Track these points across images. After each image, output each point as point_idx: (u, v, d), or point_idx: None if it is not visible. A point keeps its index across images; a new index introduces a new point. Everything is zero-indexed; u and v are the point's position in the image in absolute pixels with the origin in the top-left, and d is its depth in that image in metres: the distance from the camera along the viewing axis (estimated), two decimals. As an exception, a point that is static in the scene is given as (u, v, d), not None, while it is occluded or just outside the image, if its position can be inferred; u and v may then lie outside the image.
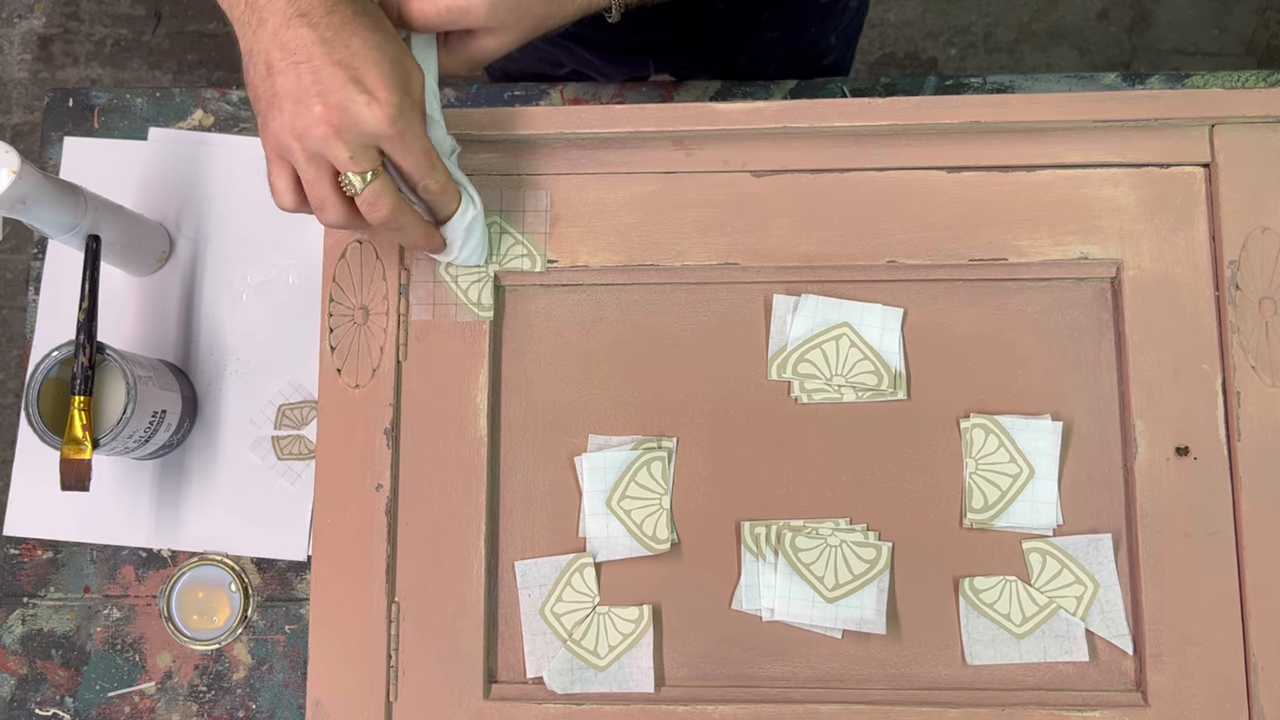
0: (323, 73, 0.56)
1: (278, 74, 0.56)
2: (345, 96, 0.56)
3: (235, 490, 0.79)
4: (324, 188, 0.59)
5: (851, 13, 1.00)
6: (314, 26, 0.56)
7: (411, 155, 0.59)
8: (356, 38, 0.57)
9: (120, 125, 0.85)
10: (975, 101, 0.66)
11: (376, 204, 0.59)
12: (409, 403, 0.67)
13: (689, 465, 0.67)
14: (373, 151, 0.58)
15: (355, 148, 0.57)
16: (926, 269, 0.67)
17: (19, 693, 0.78)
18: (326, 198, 0.59)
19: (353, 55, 0.56)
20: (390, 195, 0.59)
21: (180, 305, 0.82)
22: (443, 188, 0.62)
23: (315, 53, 0.56)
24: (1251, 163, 0.66)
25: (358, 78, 0.56)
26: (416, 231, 0.63)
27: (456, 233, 0.64)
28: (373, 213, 0.60)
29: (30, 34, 1.90)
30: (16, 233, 1.69)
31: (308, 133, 0.56)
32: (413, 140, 0.58)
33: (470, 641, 0.65)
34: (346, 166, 0.57)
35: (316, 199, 0.59)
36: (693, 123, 0.67)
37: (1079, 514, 0.65)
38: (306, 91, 0.56)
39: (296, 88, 0.56)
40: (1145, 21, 1.82)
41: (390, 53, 0.58)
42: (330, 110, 0.56)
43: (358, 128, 0.56)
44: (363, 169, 0.58)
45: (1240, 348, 0.64)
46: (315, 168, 0.58)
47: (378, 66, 0.56)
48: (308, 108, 0.56)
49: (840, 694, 0.64)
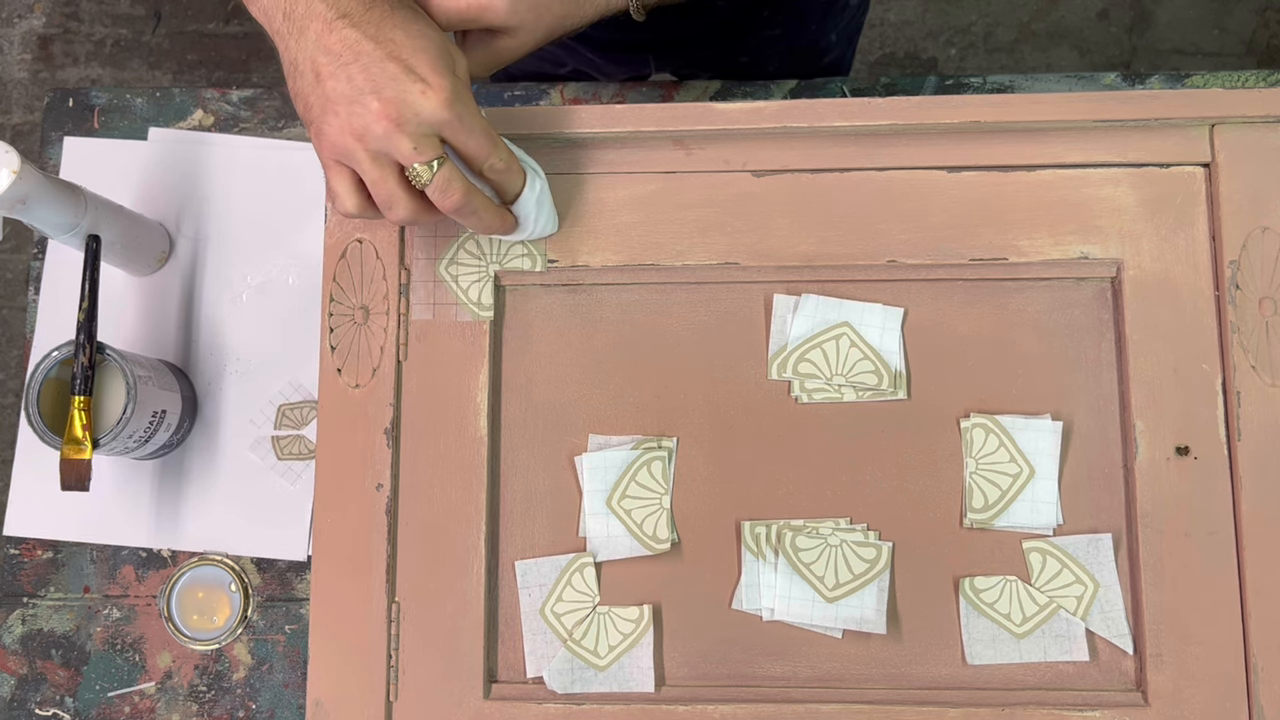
0: (374, 69, 0.55)
1: (327, 79, 0.56)
2: (401, 88, 0.55)
3: (235, 490, 0.79)
4: (391, 184, 0.58)
5: (852, 11, 1.00)
6: (357, 26, 0.56)
7: (474, 137, 0.58)
8: (399, 30, 0.56)
9: (120, 125, 0.85)
10: (975, 101, 0.66)
11: (448, 190, 0.58)
12: (409, 403, 0.67)
13: (689, 465, 0.67)
14: (435, 140, 0.57)
15: (418, 138, 0.56)
16: (926, 269, 0.67)
17: (19, 693, 0.78)
18: (394, 193, 0.58)
19: (399, 47, 0.56)
20: (460, 180, 0.59)
21: (180, 305, 0.82)
22: (507, 165, 0.61)
23: (363, 50, 0.56)
24: (1251, 163, 0.66)
25: (409, 68, 0.56)
26: (490, 214, 0.62)
27: (528, 208, 0.64)
28: (446, 200, 0.59)
29: (30, 34, 1.90)
30: (16, 233, 1.69)
31: (368, 131, 0.56)
32: (472, 121, 0.58)
33: (470, 641, 0.65)
34: (411, 158, 0.57)
35: (384, 196, 0.59)
36: (693, 123, 0.67)
37: (1079, 514, 0.65)
38: (360, 90, 0.56)
39: (349, 89, 0.56)
40: (1145, 21, 1.82)
41: (435, 39, 0.57)
42: (388, 104, 0.55)
43: (418, 118, 0.56)
44: (428, 158, 0.57)
45: (1240, 348, 0.64)
46: (380, 166, 0.58)
47: (426, 54, 0.56)
48: (364, 106, 0.56)
49: (840, 694, 0.64)
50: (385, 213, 0.60)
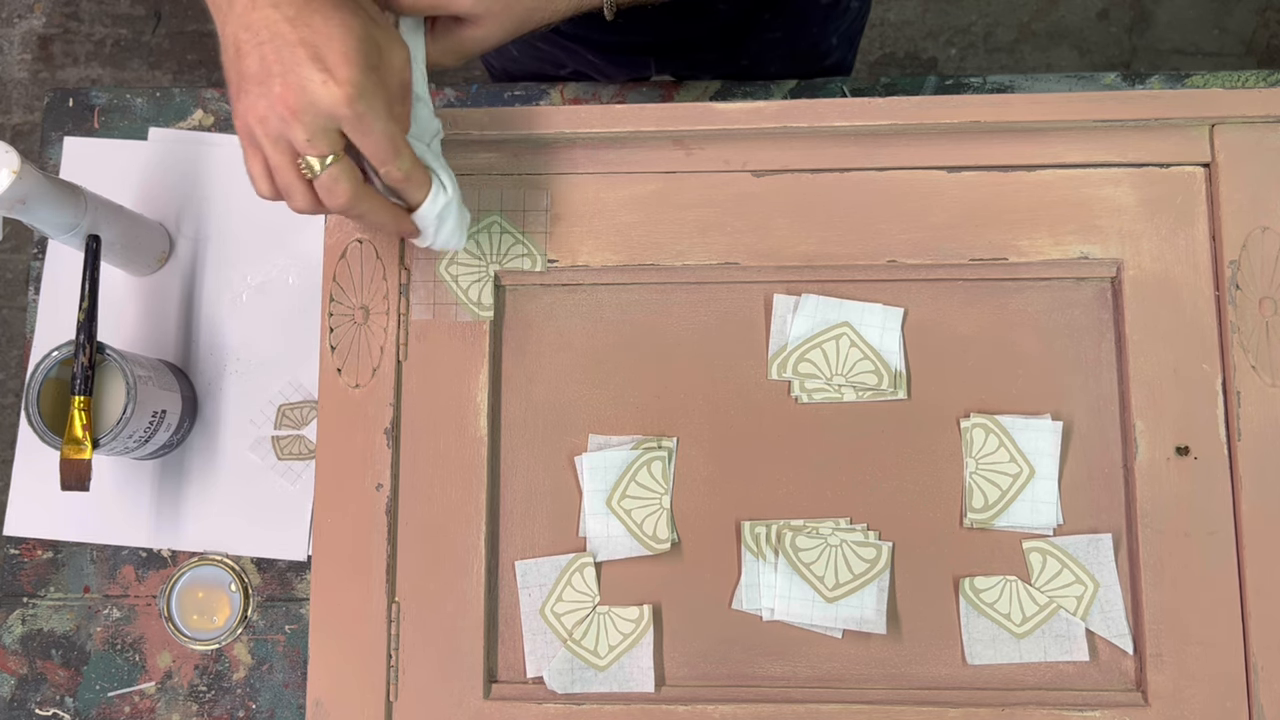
0: (284, 52, 0.54)
1: (244, 56, 0.55)
2: (303, 75, 0.54)
3: (235, 490, 0.79)
4: (288, 173, 0.57)
5: (853, 13, 1.00)
6: (278, 6, 0.54)
7: (371, 138, 0.56)
8: (319, 15, 0.54)
9: (120, 125, 0.85)
10: (975, 101, 0.66)
11: (334, 190, 0.57)
12: (409, 403, 0.67)
13: (689, 465, 0.67)
14: (333, 134, 0.55)
15: (313, 130, 0.55)
16: (926, 269, 0.67)
17: (19, 693, 0.78)
18: (291, 184, 0.57)
19: (314, 33, 0.54)
20: (348, 181, 0.57)
21: (180, 305, 0.82)
22: (407, 175, 0.59)
23: (279, 31, 0.54)
24: (1251, 163, 0.66)
25: (318, 55, 0.54)
26: (380, 217, 0.60)
27: (427, 220, 0.62)
28: (330, 199, 0.57)
29: (30, 34, 1.90)
30: (16, 233, 1.69)
31: (269, 114, 0.55)
32: (372, 122, 0.55)
33: (470, 641, 0.65)
34: (304, 149, 0.55)
35: (283, 184, 0.57)
36: (693, 123, 0.67)
37: (1079, 514, 0.65)
38: (269, 72, 0.54)
39: (260, 69, 0.54)
40: (1145, 21, 1.82)
41: (356, 29, 0.55)
42: (288, 90, 0.54)
43: (315, 108, 0.54)
44: (321, 152, 0.55)
45: (1240, 348, 0.64)
46: (279, 152, 0.56)
47: (340, 43, 0.54)
48: (269, 88, 0.54)
49: (840, 694, 0.64)
50: (285, 200, 0.58)
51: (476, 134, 0.68)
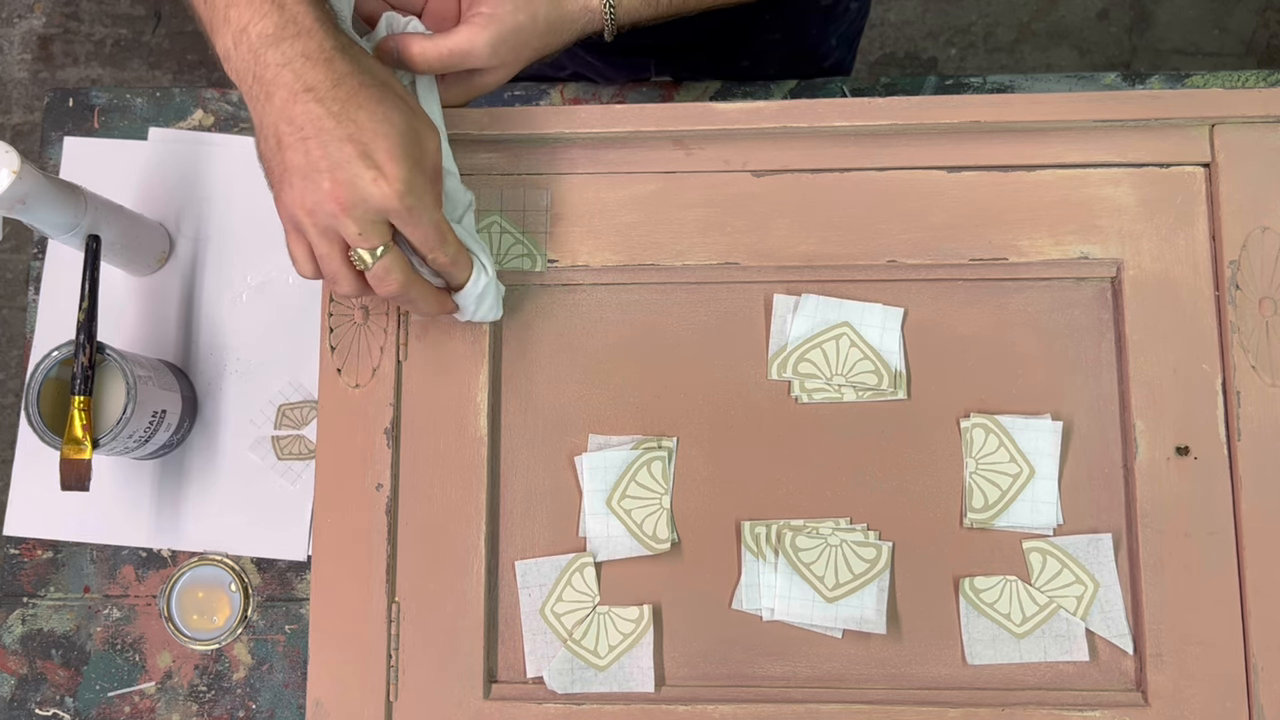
0: (331, 148, 0.55)
1: (287, 149, 0.56)
2: (353, 173, 0.55)
3: (235, 490, 0.79)
4: (335, 262, 0.59)
5: (852, 15, 1.00)
6: (321, 101, 0.55)
7: (421, 229, 0.58)
8: (364, 111, 0.56)
9: (120, 125, 0.85)
10: (975, 101, 0.66)
11: (386, 280, 0.59)
12: (409, 403, 0.67)
13: (689, 465, 0.67)
14: (382, 226, 0.57)
15: (364, 224, 0.57)
16: (926, 269, 0.67)
17: (19, 693, 0.78)
18: (338, 271, 0.59)
19: (360, 130, 0.56)
20: (400, 271, 0.59)
21: (180, 305, 0.82)
22: (453, 259, 0.61)
23: (323, 128, 0.55)
24: (1251, 163, 0.66)
25: (366, 152, 0.55)
26: (428, 303, 0.62)
27: (469, 300, 0.64)
28: (382, 288, 0.60)
29: (30, 34, 1.90)
30: (16, 233, 1.69)
31: (318, 208, 0.56)
32: (422, 214, 0.58)
33: (470, 641, 0.65)
34: (356, 243, 0.57)
35: (329, 271, 0.59)
36: (693, 123, 0.67)
37: (1079, 514, 0.65)
38: (315, 167, 0.56)
39: (305, 163, 0.56)
40: (1145, 21, 1.82)
41: (399, 124, 0.57)
42: (339, 187, 0.55)
43: (366, 204, 0.56)
44: (372, 245, 0.58)
45: (1240, 348, 0.64)
46: (327, 243, 0.58)
47: (386, 140, 0.56)
48: (316, 184, 0.56)
49: (840, 694, 0.64)
50: (329, 286, 0.60)
51: (476, 134, 0.68)
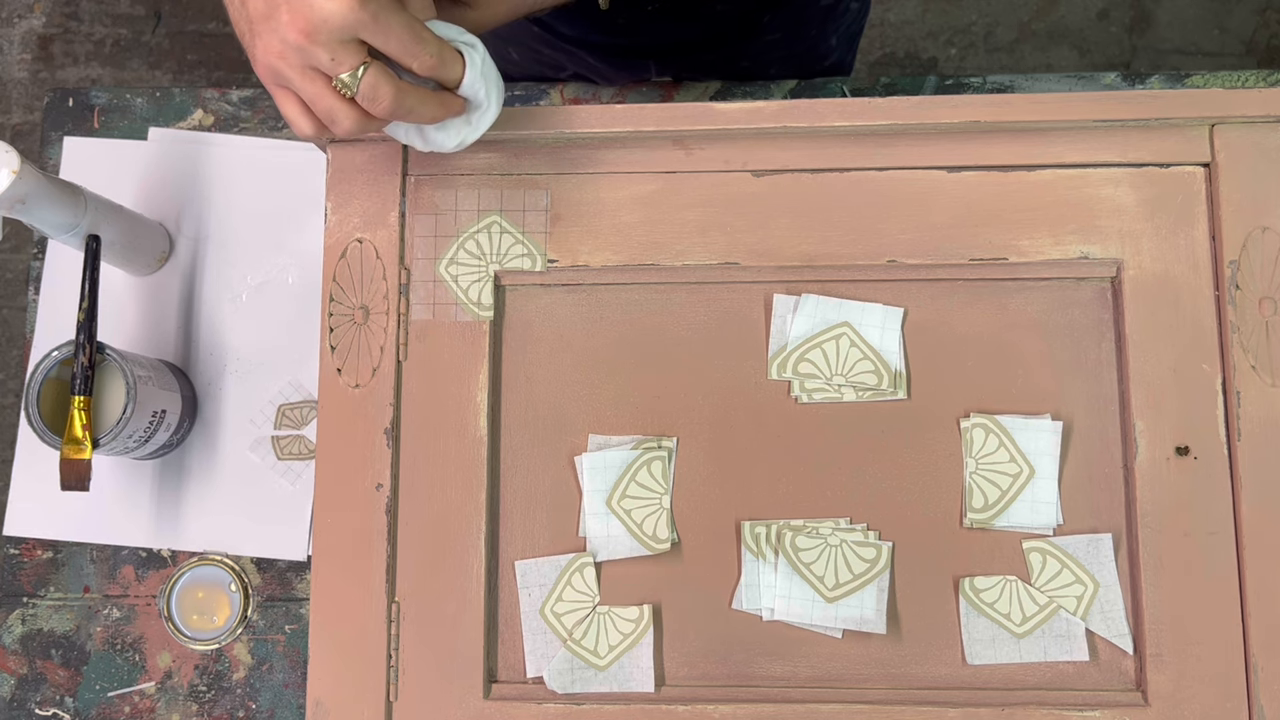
0: None
1: (249, 2, 0.55)
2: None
3: (235, 490, 0.79)
4: (325, 99, 0.56)
5: (852, 15, 1.00)
6: None
7: (393, 34, 0.55)
8: None
9: (120, 125, 0.85)
10: (975, 101, 0.66)
11: (376, 97, 0.56)
12: (409, 403, 0.67)
13: (689, 465, 0.67)
14: (354, 45, 0.55)
15: (333, 46, 0.54)
16: (926, 269, 0.67)
17: (19, 693, 0.78)
18: (332, 107, 0.56)
19: None
20: (387, 83, 0.56)
21: (180, 305, 0.82)
22: (438, 57, 0.57)
23: None
24: (1251, 163, 0.66)
25: None
26: (429, 107, 0.59)
27: (475, 87, 0.60)
28: (376, 107, 0.57)
29: (30, 34, 1.90)
30: (16, 233, 1.69)
31: (285, 47, 0.54)
32: (388, 18, 0.54)
33: (470, 641, 0.65)
34: (332, 69, 0.55)
35: (324, 112, 0.57)
36: (693, 122, 0.67)
37: (1079, 514, 0.65)
38: (274, 5, 0.53)
39: (265, 6, 0.54)
40: (1145, 21, 1.82)
41: None
42: (295, 15, 0.53)
43: (327, 24, 0.53)
44: (350, 66, 0.55)
45: (1240, 348, 0.64)
46: (309, 82, 0.56)
47: None
48: (277, 21, 0.54)
49: (840, 694, 0.64)
50: (331, 129, 0.57)
51: (476, 134, 0.68)
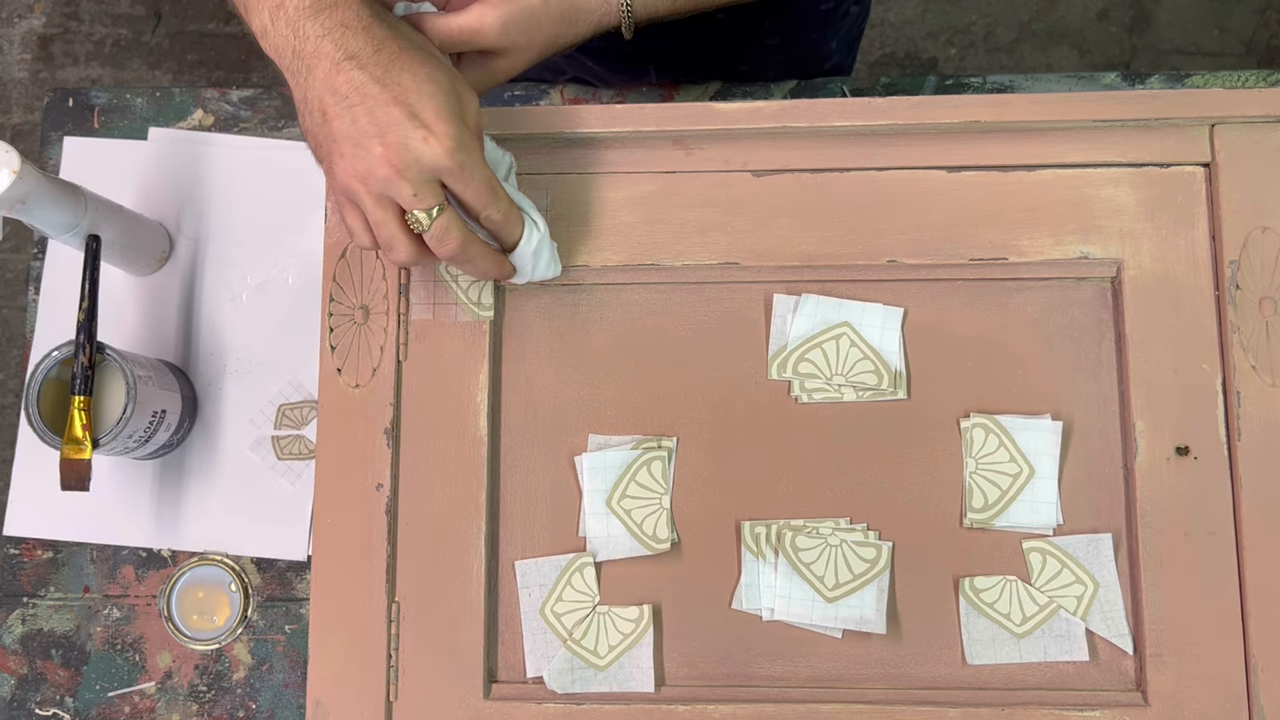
0: (378, 112, 0.55)
1: (333, 119, 0.56)
2: (403, 134, 0.55)
3: (235, 490, 0.79)
4: (391, 228, 0.59)
5: (853, 18, 1.00)
6: (364, 68, 0.56)
7: (473, 186, 0.58)
8: (407, 73, 0.56)
9: (120, 125, 0.85)
10: (975, 101, 0.66)
11: (445, 239, 0.59)
12: (409, 403, 0.67)
13: (689, 465, 0.67)
14: (435, 186, 0.58)
15: (418, 184, 0.57)
16: (926, 269, 0.67)
17: (19, 693, 0.78)
18: (395, 236, 0.59)
19: (406, 91, 0.56)
20: (457, 229, 0.59)
21: (180, 305, 0.82)
22: (505, 216, 0.61)
23: (369, 93, 0.56)
24: (1251, 163, 0.66)
25: (413, 113, 0.56)
26: (486, 262, 0.62)
27: (525, 259, 0.64)
28: (442, 248, 0.60)
29: (30, 34, 1.90)
30: (16, 233, 1.69)
31: (371, 174, 0.56)
32: (473, 170, 0.58)
33: (470, 641, 0.65)
34: (411, 204, 0.57)
35: (385, 238, 0.59)
36: (693, 122, 0.67)
37: (1079, 514, 0.65)
38: (364, 134, 0.56)
39: (354, 131, 0.56)
40: (1145, 21, 1.82)
41: (443, 83, 0.57)
42: (390, 150, 0.56)
43: (419, 164, 0.56)
44: (427, 205, 0.58)
45: (1240, 348, 0.64)
46: (382, 209, 0.58)
47: (432, 99, 0.56)
48: (367, 150, 0.56)
49: (840, 694, 0.64)
50: (386, 253, 0.60)
51: (476, 134, 0.68)
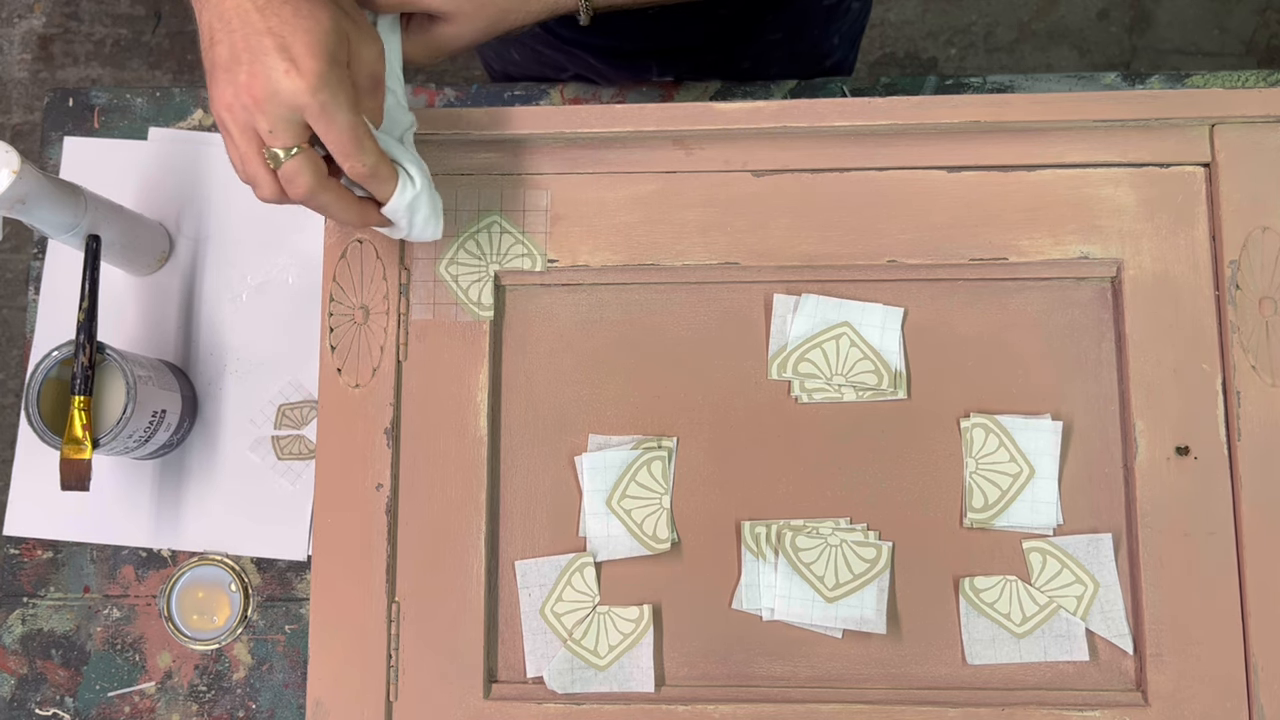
0: (251, 40, 0.54)
1: (216, 44, 0.55)
2: (267, 64, 0.53)
3: (235, 490, 0.79)
4: (253, 163, 0.57)
5: (854, 14, 1.00)
6: None
7: (334, 130, 0.56)
8: (289, 6, 0.54)
9: (120, 125, 0.85)
10: (975, 101, 0.66)
11: (294, 181, 0.57)
12: (409, 403, 0.67)
13: (689, 465, 0.67)
14: (295, 125, 0.55)
15: (275, 119, 0.55)
16: (927, 269, 0.67)
17: (19, 693, 0.78)
18: (257, 173, 0.57)
19: (283, 23, 0.54)
20: (309, 173, 0.56)
21: (180, 305, 0.82)
22: (371, 169, 0.58)
23: (249, 21, 0.54)
24: (1251, 163, 0.66)
25: (283, 45, 0.54)
26: (343, 210, 0.60)
27: (397, 213, 0.61)
28: (291, 190, 0.57)
29: (30, 34, 1.90)
30: (16, 233, 1.69)
31: (235, 103, 0.55)
32: (335, 113, 0.55)
33: (470, 641, 0.65)
34: (268, 140, 0.55)
35: (247, 175, 0.57)
36: (693, 122, 0.67)
37: (1079, 514, 0.65)
38: (236, 60, 0.54)
39: (229, 57, 0.54)
40: (1145, 21, 1.82)
41: (325, 21, 0.55)
42: (253, 79, 0.54)
43: (277, 98, 0.54)
44: (284, 144, 0.55)
45: (1240, 348, 0.64)
46: (246, 141, 0.56)
47: (307, 34, 0.54)
48: (235, 76, 0.54)
49: (840, 694, 0.64)
50: (253, 190, 0.58)
51: (476, 134, 0.68)
